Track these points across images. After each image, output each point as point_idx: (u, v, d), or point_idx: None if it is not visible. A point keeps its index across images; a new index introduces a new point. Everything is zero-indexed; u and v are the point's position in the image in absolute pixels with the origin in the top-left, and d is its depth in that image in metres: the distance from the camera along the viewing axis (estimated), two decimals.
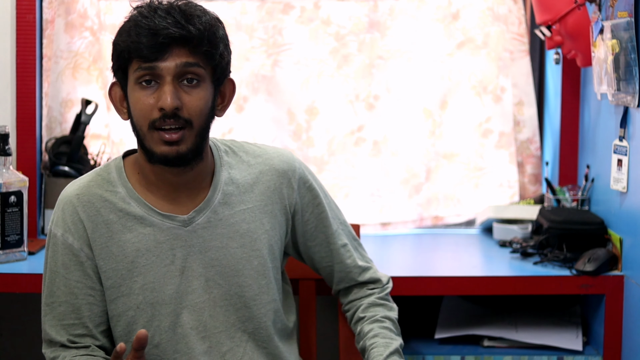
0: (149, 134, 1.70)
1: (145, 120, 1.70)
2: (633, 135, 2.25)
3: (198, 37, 1.68)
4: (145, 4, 1.72)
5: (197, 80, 1.70)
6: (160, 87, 1.69)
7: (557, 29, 2.51)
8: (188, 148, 1.71)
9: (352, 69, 2.83)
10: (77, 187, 1.79)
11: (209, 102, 1.73)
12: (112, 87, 1.78)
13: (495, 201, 2.87)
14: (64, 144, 2.69)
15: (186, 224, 1.78)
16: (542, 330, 2.42)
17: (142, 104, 1.70)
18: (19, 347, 2.83)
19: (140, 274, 1.77)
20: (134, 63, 1.69)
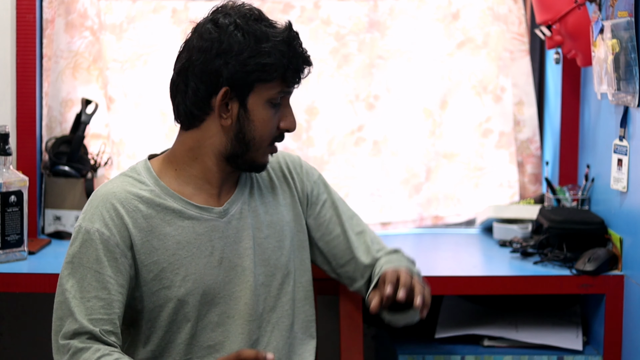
0: (267, 149, 1.83)
1: (269, 138, 1.81)
2: (633, 135, 2.25)
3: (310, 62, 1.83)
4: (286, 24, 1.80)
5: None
6: (283, 107, 1.81)
7: (557, 28, 2.51)
8: None
9: (352, 69, 2.83)
10: (112, 186, 1.81)
11: None
12: (224, 96, 1.77)
13: (495, 201, 2.87)
14: (64, 144, 2.69)
15: (222, 215, 1.84)
16: (542, 330, 2.42)
17: (271, 123, 1.80)
18: (19, 347, 2.83)
19: (182, 265, 1.80)
20: (275, 83, 1.78)
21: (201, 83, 1.78)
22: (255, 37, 1.76)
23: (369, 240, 2.01)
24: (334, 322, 2.28)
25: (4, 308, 2.80)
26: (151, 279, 1.80)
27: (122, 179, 1.83)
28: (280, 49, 1.76)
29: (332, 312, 2.39)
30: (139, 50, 2.80)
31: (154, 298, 1.81)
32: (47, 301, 2.81)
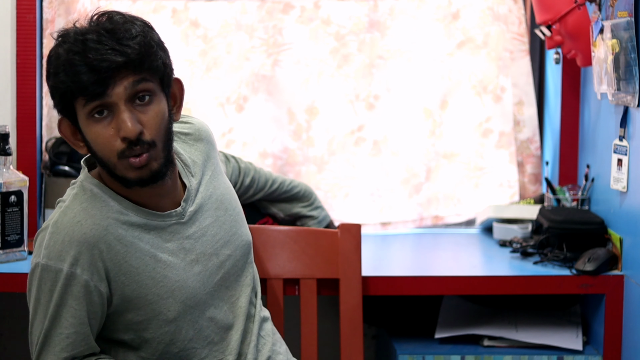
0: (119, 163, 1.67)
1: (112, 152, 1.66)
2: (633, 135, 2.25)
3: (138, 57, 1.65)
4: (70, 35, 1.65)
5: (149, 96, 1.67)
6: (116, 116, 1.65)
7: (557, 28, 2.51)
8: (159, 164, 1.70)
9: (352, 69, 2.83)
10: (73, 214, 1.72)
11: (165, 113, 1.71)
12: (60, 123, 1.72)
13: (495, 201, 2.87)
14: (64, 144, 2.69)
15: (182, 216, 1.80)
16: (542, 330, 2.42)
17: (103, 138, 1.66)
18: (19, 347, 2.83)
19: (164, 277, 1.76)
20: (80, 99, 1.64)
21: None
22: (47, 65, 1.68)
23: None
24: (334, 322, 2.28)
25: (4, 308, 2.80)
26: (139, 299, 1.74)
27: (79, 201, 1.74)
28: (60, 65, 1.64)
29: (332, 312, 2.40)
30: None
31: (144, 311, 1.75)
32: None
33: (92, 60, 1.61)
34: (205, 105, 2.82)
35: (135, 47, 1.65)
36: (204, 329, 1.81)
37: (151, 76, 1.68)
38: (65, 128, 1.72)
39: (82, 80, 1.62)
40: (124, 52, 1.63)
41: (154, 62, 1.68)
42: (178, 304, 1.77)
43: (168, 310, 1.76)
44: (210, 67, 2.81)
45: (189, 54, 2.81)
